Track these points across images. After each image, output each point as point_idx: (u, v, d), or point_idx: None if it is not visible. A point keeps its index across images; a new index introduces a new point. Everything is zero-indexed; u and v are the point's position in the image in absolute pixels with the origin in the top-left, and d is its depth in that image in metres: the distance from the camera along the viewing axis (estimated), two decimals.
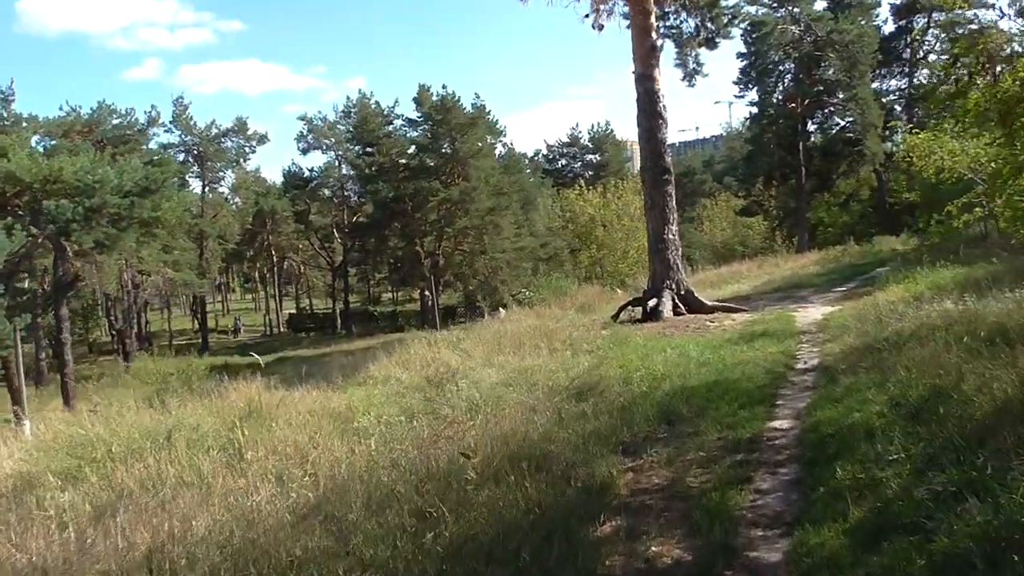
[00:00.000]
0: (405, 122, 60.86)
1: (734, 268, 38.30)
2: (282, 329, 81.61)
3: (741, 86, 54.08)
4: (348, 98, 75.96)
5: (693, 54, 20.10)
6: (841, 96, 49.80)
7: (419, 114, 58.56)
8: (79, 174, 34.06)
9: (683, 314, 16.61)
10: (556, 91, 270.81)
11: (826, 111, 52.58)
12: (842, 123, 52.26)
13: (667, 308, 16.43)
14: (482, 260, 56.02)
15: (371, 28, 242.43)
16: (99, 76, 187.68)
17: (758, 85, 52.46)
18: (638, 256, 48.09)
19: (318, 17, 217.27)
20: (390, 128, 60.56)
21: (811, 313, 15.43)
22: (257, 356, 39.41)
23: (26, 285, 36.70)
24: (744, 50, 52.37)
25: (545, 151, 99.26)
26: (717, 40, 19.89)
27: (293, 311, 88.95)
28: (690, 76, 20.30)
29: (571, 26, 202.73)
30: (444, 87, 56.75)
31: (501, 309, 32.50)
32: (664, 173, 16.99)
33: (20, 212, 36.95)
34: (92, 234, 34.66)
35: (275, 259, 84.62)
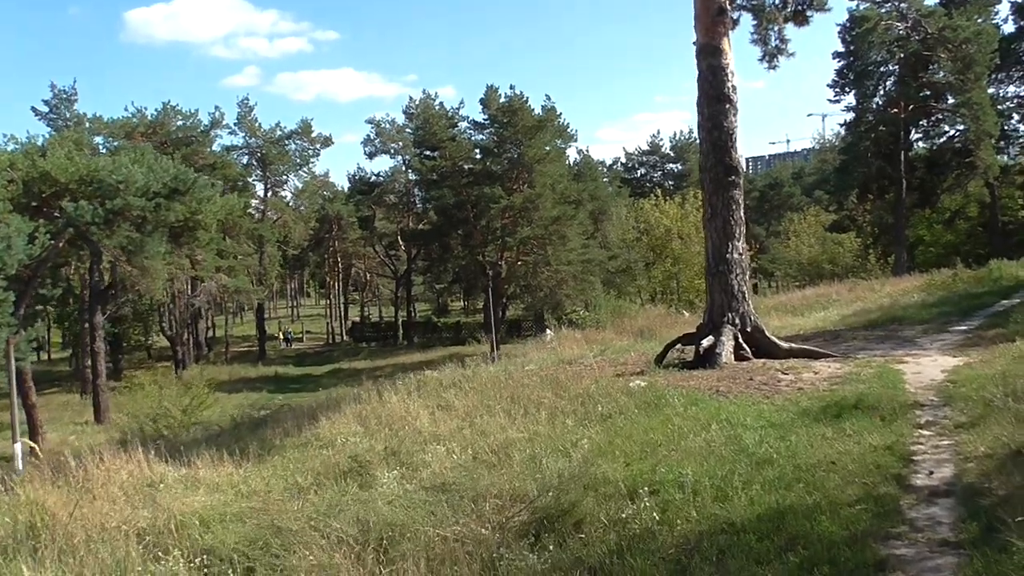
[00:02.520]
0: (471, 125, 57.59)
1: (821, 290, 33.64)
2: (344, 338, 79.39)
3: (837, 90, 49.11)
4: (411, 98, 73.38)
5: (776, 29, 15.90)
6: (951, 101, 44.48)
7: (485, 116, 55.20)
8: (102, 174, 31.62)
9: (747, 359, 12.54)
10: (645, 101, 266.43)
11: (933, 118, 47.20)
12: (951, 131, 46.89)
13: (726, 351, 12.39)
14: (546, 272, 52.16)
15: (463, 38, 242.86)
16: (201, 83, 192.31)
17: (856, 88, 47.34)
18: None
19: (411, 27, 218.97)
20: (454, 131, 57.19)
21: (925, 367, 11.20)
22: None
23: (48, 292, 34.32)
24: (842, 49, 47.51)
25: (624, 159, 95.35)
26: (809, 13, 15.61)
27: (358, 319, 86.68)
28: (771, 56, 16.07)
29: (664, 35, 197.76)
30: (512, 87, 53.24)
31: (548, 331, 28.89)
32: (729, 173, 12.96)
33: (57, 215, 34.91)
34: (114, 238, 32.15)
35: (340, 266, 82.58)
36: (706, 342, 12.58)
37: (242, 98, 78.49)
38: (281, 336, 76.16)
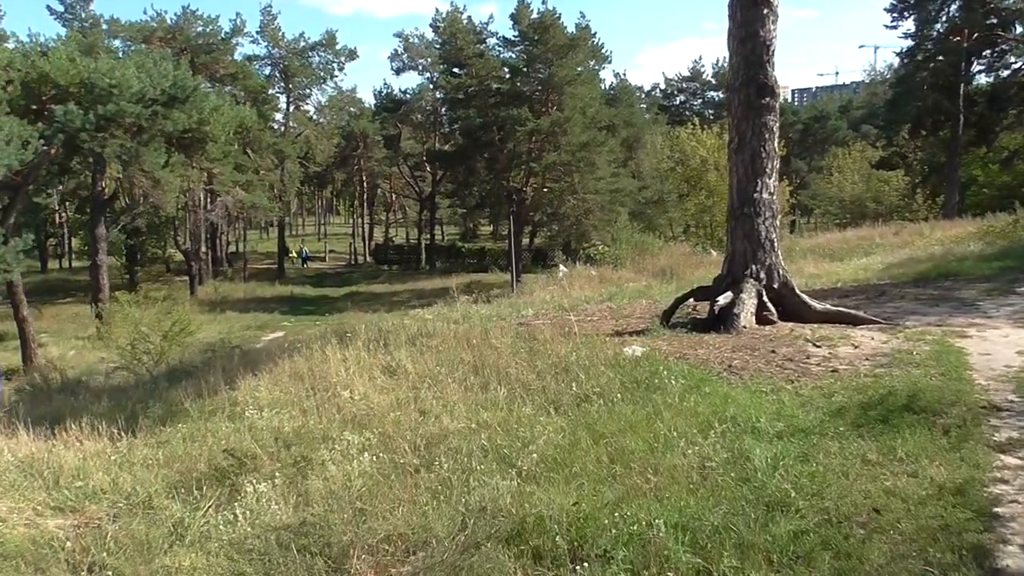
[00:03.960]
0: (500, 42, 54.49)
1: (863, 232, 30.98)
2: (367, 259, 77.75)
3: (895, 15, 45.44)
4: (437, 10, 69.92)
5: None
6: (1021, 30, 40.80)
7: (515, 33, 52.08)
8: (94, 77, 29.55)
9: (772, 322, 10.31)
10: (692, 27, 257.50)
11: (998, 48, 43.37)
12: (1017, 63, 43.14)
13: (746, 312, 10.16)
14: (572, 201, 49.63)
15: None
16: None
17: (916, 13, 43.71)
18: None
19: None
20: (483, 48, 54.12)
21: (995, 345, 8.90)
22: None
23: (43, 201, 32.61)
24: None
25: (663, 85, 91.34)
26: None
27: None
28: None
29: None
30: (544, 2, 49.97)
31: (561, 267, 26.73)
32: (763, 94, 10.54)
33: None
34: (108, 146, 30.21)
35: (366, 185, 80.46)
36: (723, 299, 10.36)
37: (265, 5, 74.88)
38: (295, 255, 74.34)
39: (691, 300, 11.56)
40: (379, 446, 6.48)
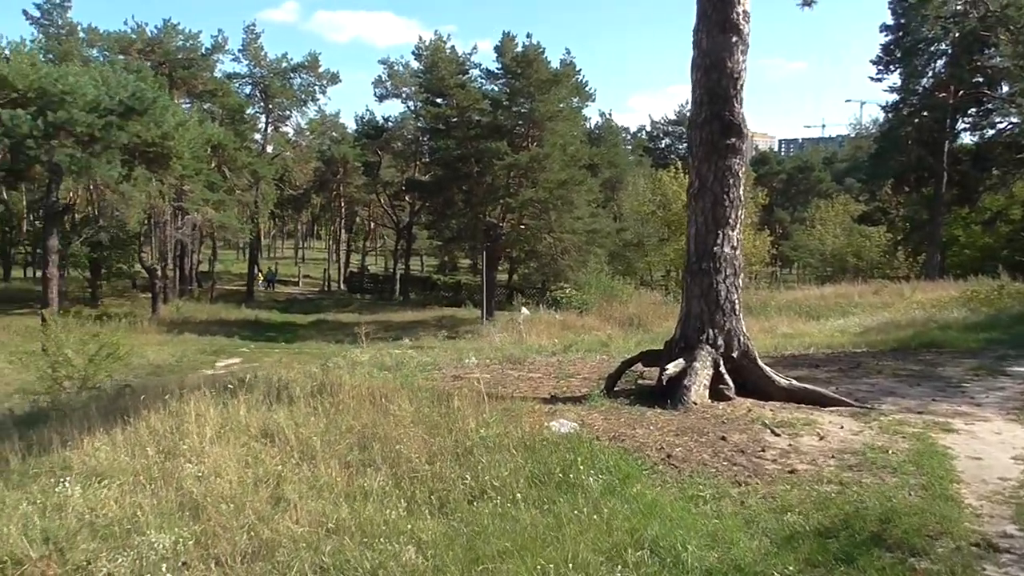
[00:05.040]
0: (483, 73, 53.38)
1: (842, 290, 29.82)
2: (341, 287, 76.08)
3: (880, 67, 44.73)
4: (420, 38, 69.03)
5: None
6: (1007, 90, 40.04)
7: (499, 66, 50.99)
8: (44, 82, 28.09)
9: (729, 398, 8.86)
10: (682, 73, 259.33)
11: (984, 107, 42.64)
12: (1002, 123, 42.37)
13: (698, 385, 8.72)
14: (548, 239, 48.27)
15: None
16: (240, 16, 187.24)
17: (903, 66, 42.98)
18: None
19: None
20: (464, 79, 52.99)
21: (986, 444, 7.47)
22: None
23: None
24: (891, 21, 43.09)
25: (649, 128, 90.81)
26: None
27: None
28: None
29: None
30: (529, 36, 48.87)
31: (524, 309, 25.31)
32: (728, 133, 9.18)
33: None
34: (56, 154, 28.66)
35: (344, 211, 78.99)
36: (673, 368, 8.92)
37: (248, 24, 73.85)
38: (261, 276, 72.44)
39: (639, 365, 10.11)
40: (194, 552, 4.97)
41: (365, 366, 13.25)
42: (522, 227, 50.28)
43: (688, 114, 9.50)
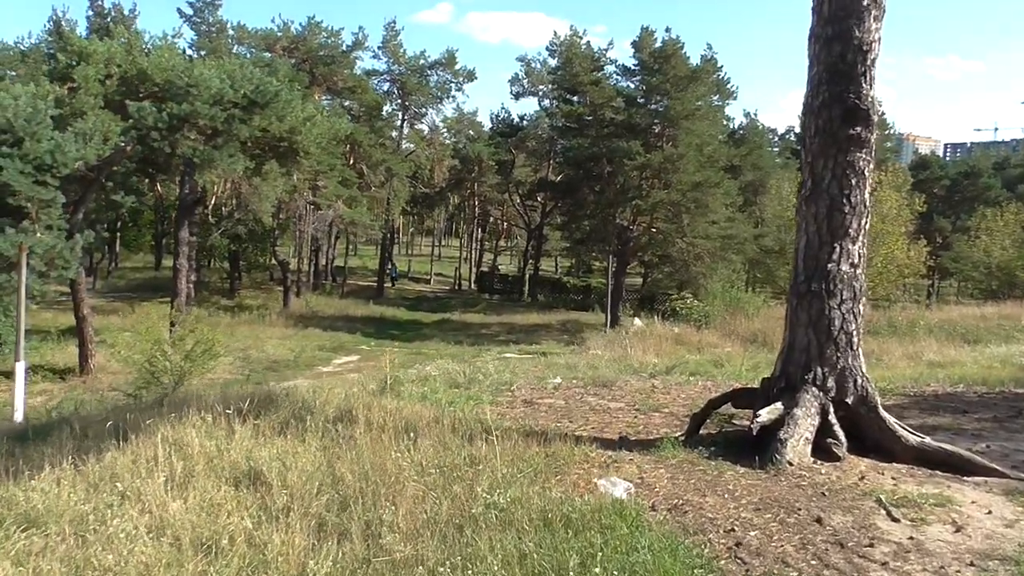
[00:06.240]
0: (619, 70, 51.45)
1: (1008, 310, 26.42)
2: (472, 286, 75.79)
3: None
4: (555, 33, 67.41)
5: None
6: None
7: (635, 62, 48.98)
8: (170, 75, 28.30)
9: (837, 458, 6.93)
10: None
11: None
12: None
13: (797, 438, 6.84)
14: (680, 243, 45.91)
15: None
16: (396, 13, 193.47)
17: None
18: (883, 267, 36.66)
19: None
20: (599, 75, 51.21)
21: None
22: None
23: (120, 199, 31.47)
24: None
25: (798, 129, 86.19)
26: None
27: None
28: None
29: None
30: (668, 30, 46.65)
31: (636, 320, 23.49)
32: (851, 120, 7.25)
33: None
34: (179, 147, 28.86)
35: (478, 210, 78.70)
36: (766, 414, 7.07)
37: (388, 21, 74.41)
38: (389, 274, 72.87)
39: (730, 404, 8.28)
40: None
41: (434, 381, 11.92)
42: (654, 230, 48.15)
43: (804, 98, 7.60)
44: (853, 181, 7.29)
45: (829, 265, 7.29)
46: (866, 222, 7.42)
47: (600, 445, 7.39)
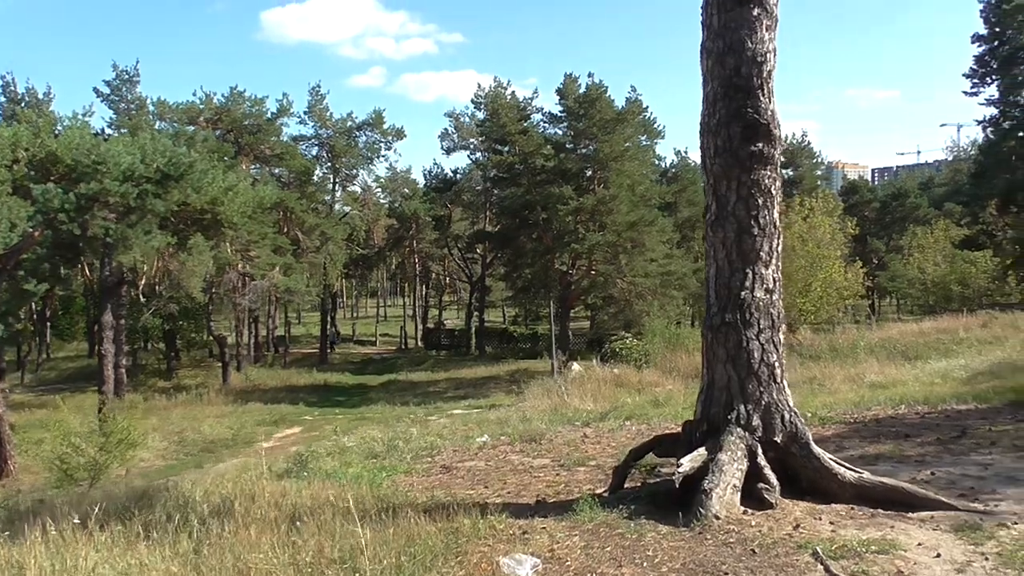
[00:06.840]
0: (546, 117, 51.53)
1: (945, 324, 26.35)
2: (418, 344, 74.65)
3: (975, 80, 41.08)
4: (479, 85, 67.65)
5: None
6: None
7: (561, 108, 49.09)
8: (76, 154, 27.30)
9: (770, 504, 6.27)
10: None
11: None
12: None
13: (724, 487, 6.15)
14: (620, 284, 45.58)
15: (583, 45, 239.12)
16: (329, 81, 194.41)
17: (1000, 77, 39.26)
18: (823, 291, 36.63)
19: (535, 31, 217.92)
20: (526, 124, 51.20)
21: None
22: None
23: (32, 288, 29.96)
24: (984, 31, 39.58)
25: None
26: None
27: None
28: None
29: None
30: (591, 75, 46.91)
31: (575, 365, 22.87)
32: (752, 136, 6.72)
33: None
34: (90, 227, 27.72)
35: (418, 268, 77.94)
36: (688, 463, 6.35)
37: (313, 86, 74.16)
38: (330, 339, 71.50)
39: (655, 451, 7.57)
40: None
41: (349, 454, 11.07)
42: (594, 272, 47.85)
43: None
44: (760, 201, 6.72)
45: (743, 293, 6.68)
46: (778, 243, 6.84)
47: (512, 513, 6.60)
